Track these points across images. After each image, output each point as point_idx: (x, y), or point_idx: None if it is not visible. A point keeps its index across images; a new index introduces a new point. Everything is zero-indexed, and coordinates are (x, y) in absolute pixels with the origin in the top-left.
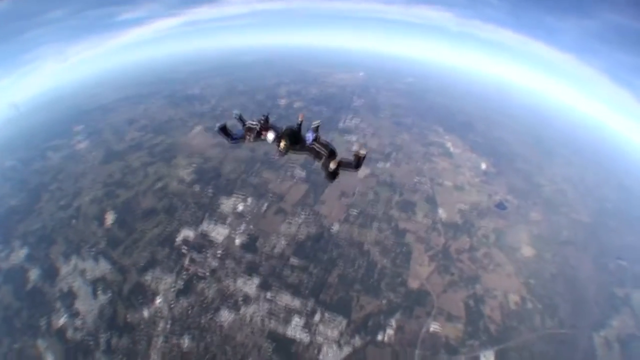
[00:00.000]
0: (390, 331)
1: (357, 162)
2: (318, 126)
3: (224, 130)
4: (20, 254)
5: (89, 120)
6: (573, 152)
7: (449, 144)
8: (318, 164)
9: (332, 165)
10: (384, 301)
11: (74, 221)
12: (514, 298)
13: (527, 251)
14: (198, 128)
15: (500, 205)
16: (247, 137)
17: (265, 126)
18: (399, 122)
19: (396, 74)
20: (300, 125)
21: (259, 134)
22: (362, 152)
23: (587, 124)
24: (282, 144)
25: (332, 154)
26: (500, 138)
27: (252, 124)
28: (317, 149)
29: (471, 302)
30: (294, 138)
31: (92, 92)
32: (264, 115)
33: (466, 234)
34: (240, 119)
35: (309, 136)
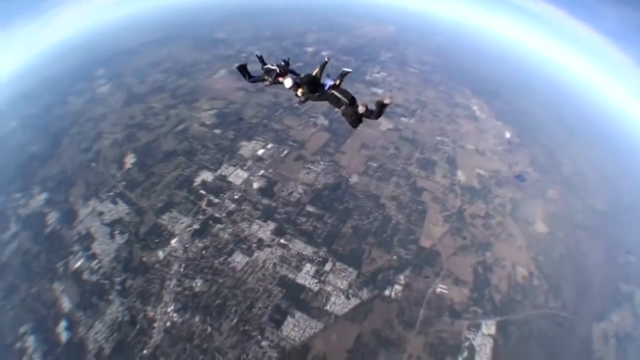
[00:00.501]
0: (398, 287)
1: (380, 110)
2: (345, 74)
3: (242, 69)
4: (39, 199)
5: (111, 64)
6: (598, 137)
7: (475, 107)
8: (338, 111)
9: (362, 109)
10: (395, 257)
11: (93, 164)
12: (522, 272)
13: (541, 227)
14: (222, 71)
15: (520, 177)
16: (266, 79)
17: (285, 70)
18: (427, 79)
19: (427, 31)
20: (324, 67)
21: (277, 78)
22: (387, 100)
23: (616, 112)
24: (300, 91)
25: (352, 101)
26: (526, 109)
27: (271, 67)
28: (338, 96)
29: (480, 269)
30: (313, 86)
31: (115, 36)
32: (284, 60)
33: (482, 200)
34: (261, 60)
35: (328, 82)
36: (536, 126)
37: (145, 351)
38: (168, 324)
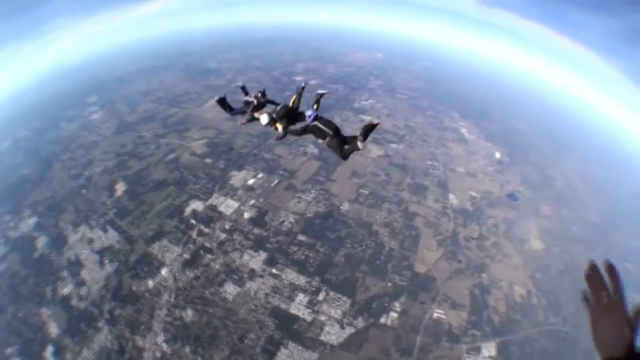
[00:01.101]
0: (394, 314)
1: (367, 133)
2: (321, 97)
3: (222, 102)
4: (29, 222)
5: (104, 92)
6: (588, 149)
7: (463, 130)
8: (322, 143)
9: (360, 144)
10: (390, 284)
11: (84, 191)
12: (519, 291)
13: (536, 244)
14: (212, 101)
15: (512, 196)
16: (246, 111)
17: (262, 101)
18: (415, 105)
19: (414, 56)
20: (301, 94)
21: (254, 111)
22: (375, 121)
23: (604, 123)
24: (279, 126)
25: (337, 132)
26: (515, 128)
27: (249, 99)
28: (321, 128)
29: (476, 291)
30: (291, 117)
31: (107, 64)
32: (260, 91)
33: (476, 222)
34: (244, 90)
35: (310, 114)
36: (526, 144)
37: None
38: (158, 353)
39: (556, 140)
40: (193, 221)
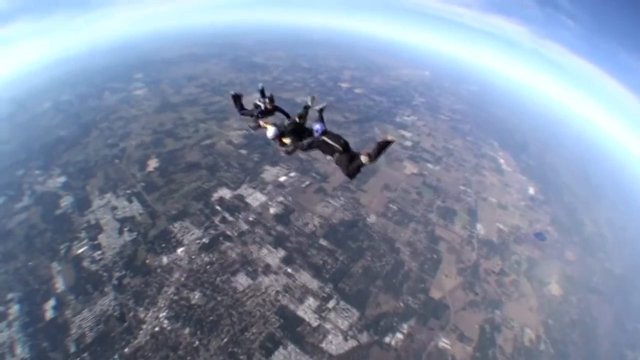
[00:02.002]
0: (399, 336)
1: (380, 151)
2: (322, 112)
3: (236, 98)
4: (57, 180)
5: (150, 71)
6: (622, 197)
7: (501, 160)
8: (330, 159)
9: (365, 160)
10: (402, 304)
11: (117, 161)
12: (529, 334)
13: (555, 289)
14: (256, 95)
15: (540, 235)
16: (254, 113)
17: (270, 107)
18: (456, 128)
19: (462, 79)
20: (307, 110)
21: (258, 116)
22: (390, 137)
23: None
24: (287, 140)
25: (346, 147)
26: (552, 165)
27: (258, 102)
28: (329, 143)
29: (487, 327)
30: (299, 133)
31: (158, 45)
32: (268, 97)
33: (499, 256)
34: (262, 93)
35: (318, 128)
36: (561, 183)
37: (126, 349)
38: (157, 328)
39: (591, 183)
40: (218, 207)
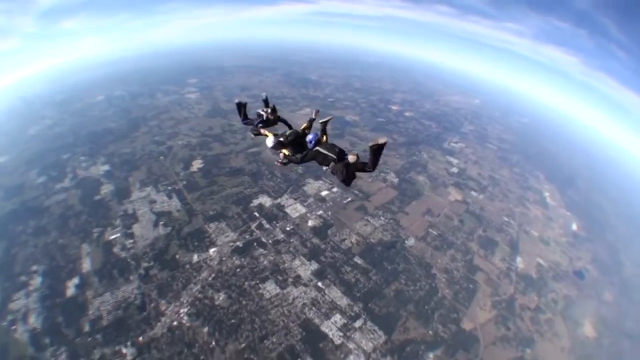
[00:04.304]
0: None
1: (375, 156)
2: (326, 125)
3: (240, 107)
4: (101, 168)
5: (205, 77)
6: None
7: (546, 194)
8: (326, 170)
9: (352, 159)
10: (431, 332)
11: (162, 157)
12: None
13: (589, 331)
14: (307, 109)
15: (579, 274)
16: (256, 122)
17: (272, 118)
18: (503, 157)
19: (512, 109)
20: (311, 123)
21: (258, 125)
22: (381, 140)
23: None
24: (285, 152)
25: (341, 156)
26: (598, 203)
27: (261, 111)
28: (324, 153)
29: None
30: (299, 145)
31: (213, 54)
32: (271, 107)
33: (536, 292)
34: (265, 102)
35: (311, 138)
36: (605, 221)
37: (141, 338)
38: (175, 323)
39: (637, 224)
40: (257, 214)
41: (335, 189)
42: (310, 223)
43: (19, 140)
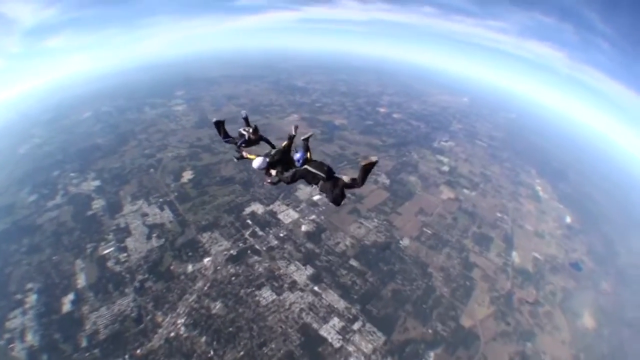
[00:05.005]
0: None
1: (364, 174)
2: (307, 141)
3: (219, 125)
4: (91, 184)
5: (191, 88)
6: None
7: (538, 188)
8: (315, 188)
9: (346, 179)
10: (430, 331)
11: (152, 170)
12: None
13: (588, 321)
14: (295, 116)
15: (576, 266)
16: (237, 142)
17: (253, 137)
18: (494, 155)
19: (500, 106)
20: (292, 139)
21: (241, 146)
22: (374, 158)
23: None
24: (274, 171)
25: (329, 174)
26: (590, 194)
27: (243, 131)
28: (312, 171)
29: None
30: (286, 163)
31: (199, 65)
32: (252, 127)
33: (534, 286)
34: (246, 121)
35: (298, 157)
36: (598, 213)
37: (139, 350)
38: (172, 334)
39: (630, 213)
40: (249, 221)
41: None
42: (303, 228)
43: (9, 160)
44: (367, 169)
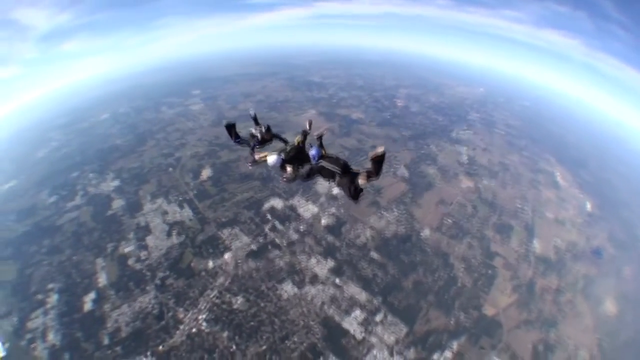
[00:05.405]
0: (448, 354)
1: (377, 166)
2: (321, 138)
3: (230, 127)
4: (111, 184)
5: (207, 87)
6: None
7: (558, 175)
8: (332, 184)
9: (362, 182)
10: (453, 321)
11: (171, 169)
12: (583, 355)
13: (610, 307)
14: (312, 112)
15: (597, 253)
16: (250, 144)
17: (267, 136)
18: (512, 143)
19: (516, 95)
20: (306, 135)
21: (260, 144)
22: (380, 150)
23: None
24: (290, 169)
25: (345, 169)
26: (610, 181)
27: (254, 131)
28: (328, 168)
29: (540, 347)
30: (301, 159)
31: (214, 64)
32: (264, 126)
33: (556, 274)
34: (255, 120)
35: (314, 153)
36: (618, 199)
37: (160, 347)
38: (194, 330)
39: None
40: (269, 216)
41: None
42: (323, 222)
43: (26, 164)
44: (378, 161)
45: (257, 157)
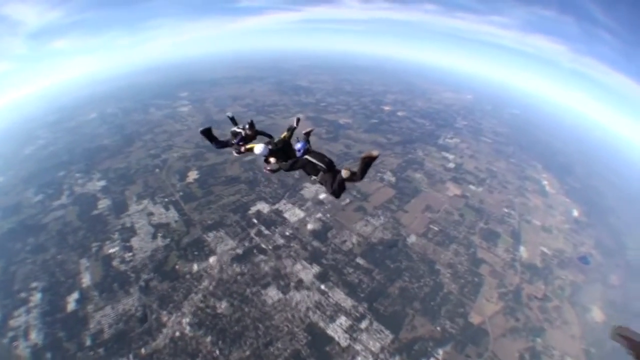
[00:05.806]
0: None
1: (365, 167)
2: (309, 135)
3: (207, 133)
4: (97, 184)
5: (195, 90)
6: None
7: (545, 182)
8: (314, 180)
9: (346, 174)
10: (439, 328)
11: (157, 170)
12: None
13: (598, 315)
14: (300, 115)
15: (584, 259)
16: (233, 143)
17: (250, 133)
18: (499, 150)
19: (504, 102)
20: (292, 131)
21: (240, 142)
22: (375, 152)
23: None
24: (272, 161)
25: (330, 166)
26: (597, 188)
27: (237, 129)
28: (313, 162)
29: (527, 356)
30: (286, 152)
31: (203, 67)
32: (247, 123)
33: (543, 281)
34: (233, 121)
35: (300, 147)
36: (605, 206)
37: (143, 350)
38: (177, 333)
39: (636, 206)
40: (255, 220)
41: None
42: (309, 226)
43: (14, 161)
44: (367, 162)
45: (242, 148)
